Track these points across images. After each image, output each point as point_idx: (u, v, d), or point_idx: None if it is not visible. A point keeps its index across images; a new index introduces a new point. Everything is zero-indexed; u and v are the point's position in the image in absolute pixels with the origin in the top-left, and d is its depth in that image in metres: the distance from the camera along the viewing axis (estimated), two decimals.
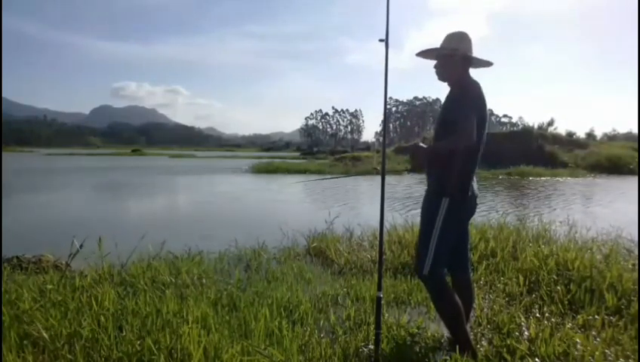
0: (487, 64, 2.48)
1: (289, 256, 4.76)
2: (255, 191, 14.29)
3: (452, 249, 2.43)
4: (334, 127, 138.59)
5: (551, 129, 32.71)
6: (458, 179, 2.33)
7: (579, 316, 2.90)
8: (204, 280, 3.55)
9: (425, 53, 2.50)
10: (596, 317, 2.86)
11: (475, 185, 2.44)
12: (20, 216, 8.36)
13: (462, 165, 2.33)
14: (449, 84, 2.47)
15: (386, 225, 3.26)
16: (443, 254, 2.35)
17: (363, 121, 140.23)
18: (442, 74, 2.47)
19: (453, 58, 2.40)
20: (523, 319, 2.80)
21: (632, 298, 3.14)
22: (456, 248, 2.47)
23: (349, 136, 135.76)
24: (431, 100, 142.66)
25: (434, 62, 2.51)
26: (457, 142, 2.22)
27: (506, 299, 3.30)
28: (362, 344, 2.48)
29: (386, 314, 2.91)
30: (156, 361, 2.17)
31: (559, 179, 20.00)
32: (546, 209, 10.03)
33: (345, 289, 3.48)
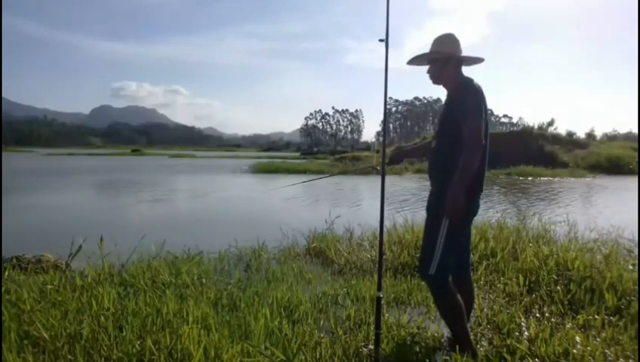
0: (478, 61, 2.48)
1: (289, 256, 4.76)
2: (256, 192, 14.30)
3: (461, 249, 2.42)
4: (334, 127, 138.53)
5: (551, 129, 32.73)
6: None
7: (579, 316, 2.90)
8: (204, 280, 3.55)
9: (416, 60, 2.50)
10: (596, 317, 2.85)
11: (481, 186, 2.42)
12: (20, 216, 8.36)
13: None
14: (445, 87, 2.48)
15: (386, 224, 3.25)
16: (451, 255, 2.33)
17: (363, 121, 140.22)
18: (438, 78, 2.48)
19: (448, 62, 2.40)
20: (523, 319, 2.80)
21: (632, 298, 3.14)
22: (462, 247, 2.47)
23: (349, 136, 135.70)
24: (431, 100, 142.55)
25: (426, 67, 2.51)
26: (472, 153, 2.17)
27: (506, 299, 3.30)
28: (362, 344, 2.48)
29: (386, 314, 2.91)
30: (156, 361, 2.17)
31: (559, 179, 20.00)
32: (545, 209, 10.03)
33: (345, 289, 3.48)
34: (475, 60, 2.47)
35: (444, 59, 2.41)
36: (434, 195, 2.45)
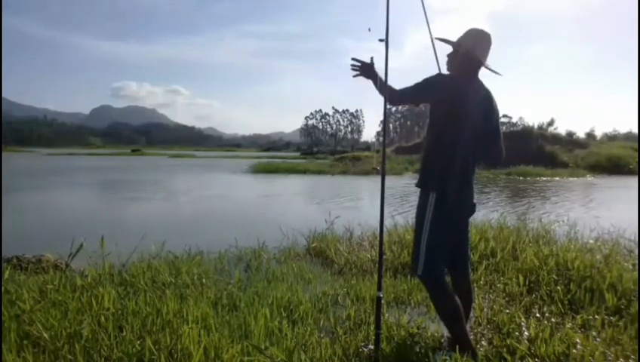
0: (494, 72, 2.49)
1: (289, 256, 4.76)
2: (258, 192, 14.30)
3: (448, 247, 2.42)
4: (334, 127, 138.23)
5: (551, 129, 32.80)
6: (440, 174, 2.36)
7: (579, 316, 2.90)
8: (204, 280, 3.55)
9: (444, 41, 2.53)
10: (596, 317, 2.86)
11: (465, 184, 2.42)
12: (20, 216, 8.36)
13: (441, 160, 2.37)
14: None
15: (386, 224, 3.26)
16: (436, 253, 2.34)
17: (363, 121, 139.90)
18: (448, 64, 2.52)
19: (457, 53, 2.44)
20: (523, 319, 2.80)
21: (632, 298, 3.14)
22: (455, 247, 2.47)
23: (349, 136, 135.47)
24: None
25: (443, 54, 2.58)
26: (389, 93, 2.38)
27: (506, 299, 3.30)
28: (362, 344, 2.48)
29: (386, 314, 2.91)
30: (156, 361, 2.17)
31: (559, 179, 20.00)
32: (546, 209, 10.03)
33: (345, 289, 3.48)
34: (490, 69, 2.47)
35: (455, 48, 2.45)
36: (420, 195, 2.48)
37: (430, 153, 2.44)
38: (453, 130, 2.33)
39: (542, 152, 26.65)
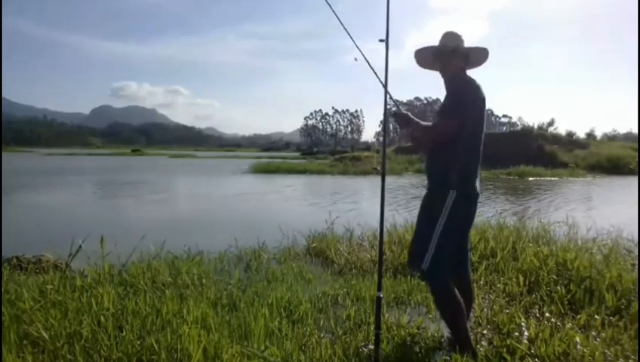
0: (480, 58, 2.49)
1: (289, 256, 4.76)
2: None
3: (457, 247, 2.42)
4: (334, 127, 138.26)
5: (551, 129, 32.79)
6: (463, 172, 2.35)
7: (579, 316, 2.90)
8: (204, 280, 3.54)
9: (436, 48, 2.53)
10: (596, 317, 2.85)
11: (478, 183, 2.43)
12: (20, 216, 8.36)
13: (466, 159, 2.36)
14: (444, 80, 2.50)
15: (386, 225, 3.26)
16: (445, 254, 2.33)
17: (363, 121, 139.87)
18: (443, 63, 2.49)
19: (454, 52, 2.44)
20: (523, 319, 2.80)
21: (632, 298, 3.14)
22: (458, 247, 2.47)
23: (349, 136, 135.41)
24: (431, 100, 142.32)
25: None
26: (432, 135, 2.45)
27: (506, 299, 3.30)
28: (362, 344, 2.48)
29: (386, 314, 2.91)
30: (156, 361, 2.17)
31: (558, 179, 19.99)
32: (546, 209, 10.03)
33: (345, 289, 3.47)
34: (476, 60, 2.47)
35: (449, 51, 2.45)
36: (431, 190, 2.49)
37: (452, 153, 2.35)
38: (478, 129, 2.36)
39: (542, 152, 26.65)
